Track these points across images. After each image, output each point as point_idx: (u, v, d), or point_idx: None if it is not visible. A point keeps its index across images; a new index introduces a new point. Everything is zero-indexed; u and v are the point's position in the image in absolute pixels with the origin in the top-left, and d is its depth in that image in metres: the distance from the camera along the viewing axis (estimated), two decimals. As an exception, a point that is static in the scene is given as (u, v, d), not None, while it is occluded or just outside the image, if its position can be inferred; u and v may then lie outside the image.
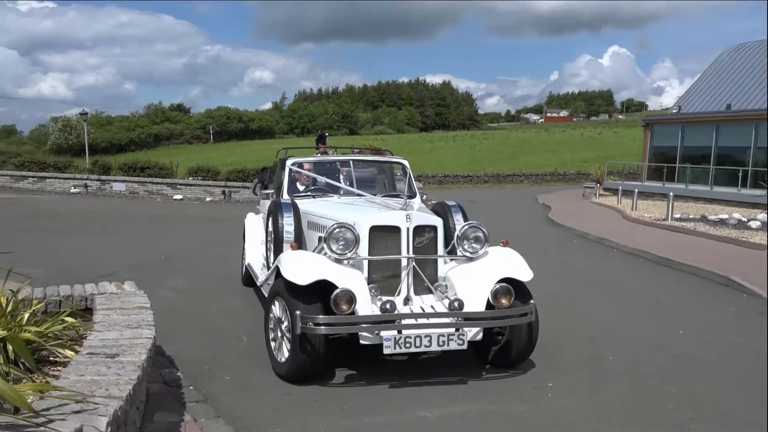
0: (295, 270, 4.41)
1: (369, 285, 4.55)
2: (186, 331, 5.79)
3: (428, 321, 4.40)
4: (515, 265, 4.81)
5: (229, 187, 22.18)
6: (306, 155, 7.34)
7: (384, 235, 4.74)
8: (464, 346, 4.37)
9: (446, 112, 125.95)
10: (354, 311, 4.28)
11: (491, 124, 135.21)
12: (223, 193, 22.09)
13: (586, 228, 13.95)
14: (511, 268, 4.77)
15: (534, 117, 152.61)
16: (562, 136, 71.71)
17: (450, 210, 5.89)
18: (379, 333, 4.28)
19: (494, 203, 21.60)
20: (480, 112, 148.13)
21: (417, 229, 4.76)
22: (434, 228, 4.92)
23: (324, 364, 4.49)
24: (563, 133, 78.31)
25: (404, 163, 6.92)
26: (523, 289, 4.74)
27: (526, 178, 37.30)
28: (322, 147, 9.04)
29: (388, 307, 4.34)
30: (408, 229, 4.71)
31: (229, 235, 11.32)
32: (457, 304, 4.48)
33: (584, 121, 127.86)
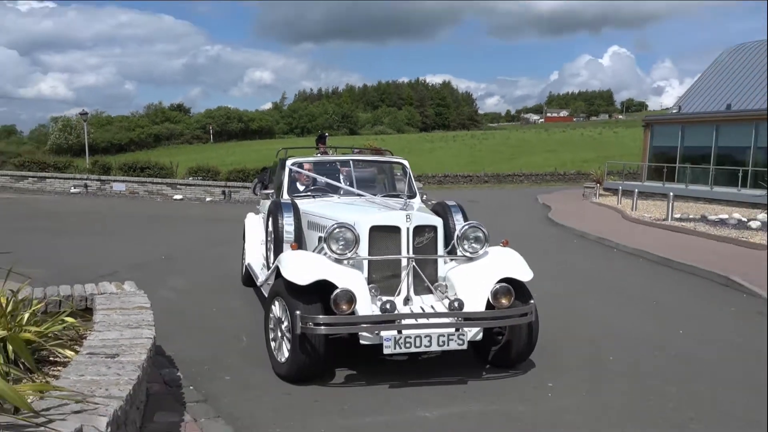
0: (295, 270, 4.41)
1: (369, 285, 4.53)
2: (186, 331, 5.79)
3: (428, 321, 4.39)
4: (515, 265, 4.81)
5: (229, 187, 22.18)
6: (306, 155, 7.32)
7: (384, 235, 4.73)
8: (464, 346, 4.36)
9: (446, 112, 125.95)
10: (354, 311, 4.27)
11: (491, 124, 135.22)
12: (223, 193, 22.09)
13: (586, 228, 13.95)
14: (511, 268, 4.76)
15: (534, 117, 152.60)
16: (562, 136, 71.71)
17: (450, 210, 5.88)
18: (379, 333, 4.27)
19: (494, 203, 21.60)
20: (480, 112, 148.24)
21: (417, 229, 4.75)
22: (434, 228, 4.91)
23: (324, 364, 4.48)
24: (563, 133, 78.31)
25: (404, 163, 6.91)
26: (523, 289, 4.73)
27: (526, 178, 37.30)
28: (322, 147, 9.03)
29: (388, 307, 4.33)
30: (408, 229, 4.70)
31: (229, 235, 11.32)
32: (457, 304, 4.46)
33: (584, 121, 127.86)
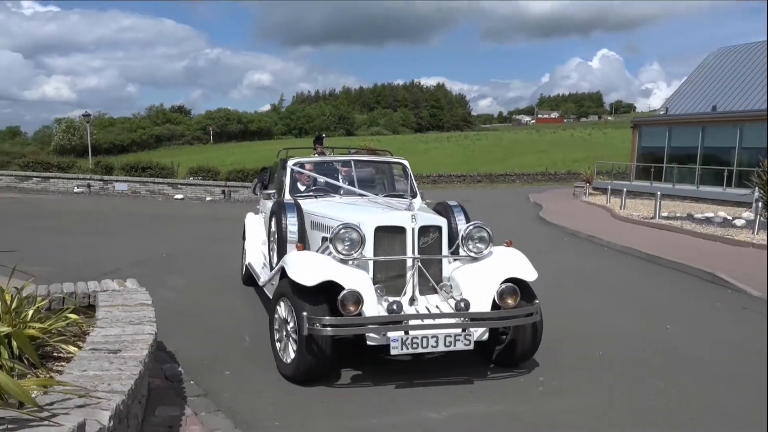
0: (302, 271, 4.31)
1: (374, 285, 4.43)
2: (187, 327, 5.77)
3: (434, 321, 4.30)
4: (520, 265, 4.73)
5: (228, 186, 22.14)
6: (304, 156, 7.25)
7: (389, 236, 4.62)
8: (471, 347, 4.27)
9: (440, 113, 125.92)
10: (361, 312, 4.18)
11: (484, 125, 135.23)
12: (223, 192, 22.05)
13: (577, 226, 13.98)
14: (516, 268, 4.69)
15: (526, 118, 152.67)
16: (553, 137, 71.77)
17: (452, 210, 5.72)
18: (385, 334, 4.17)
19: (487, 202, 21.60)
20: (473, 114, 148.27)
21: (422, 229, 4.66)
22: (439, 228, 4.81)
23: (330, 365, 4.38)
24: (554, 134, 78.40)
25: (404, 164, 6.78)
26: (527, 288, 4.65)
27: (518, 178, 37.33)
28: (319, 148, 9.05)
29: (395, 308, 4.23)
30: (413, 230, 4.60)
31: (229, 233, 11.30)
32: (463, 305, 4.37)
33: (574, 123, 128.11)
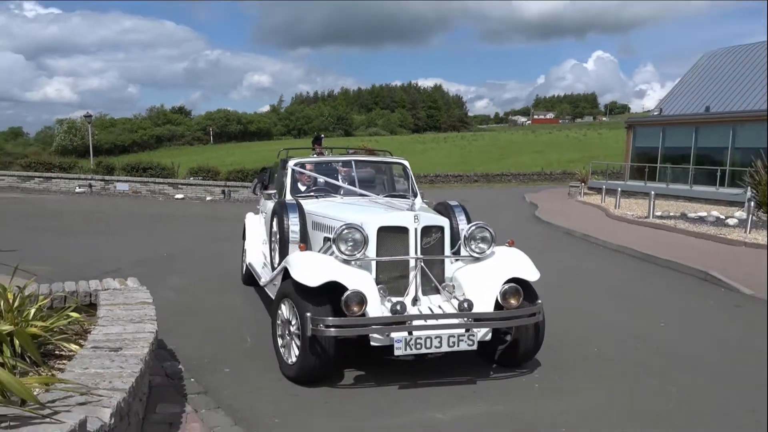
0: (305, 271, 4.25)
1: (377, 286, 4.37)
2: (187, 326, 5.76)
3: (438, 322, 4.24)
4: (522, 265, 4.70)
5: (228, 186, 22.12)
6: (303, 156, 7.20)
7: (392, 236, 4.57)
8: (474, 347, 4.23)
9: (437, 114, 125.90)
10: (365, 313, 4.12)
11: (481, 126, 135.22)
12: (223, 192, 22.03)
13: (572, 225, 13.99)
14: (519, 268, 4.66)
15: (521, 119, 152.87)
16: (549, 138, 71.81)
17: (453, 210, 5.67)
18: (389, 334, 4.11)
19: (484, 202, 21.59)
20: (470, 115, 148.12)
21: (425, 229, 4.60)
22: (441, 228, 4.76)
23: (334, 366, 4.33)
24: (549, 134, 78.44)
25: (405, 164, 6.72)
26: (529, 288, 4.61)
27: (514, 178, 37.34)
28: (318, 148, 9.03)
29: (399, 309, 4.19)
30: (416, 230, 4.55)
31: (229, 233, 11.29)
32: (467, 305, 4.32)
33: (570, 123, 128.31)
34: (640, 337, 5.68)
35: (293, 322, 4.34)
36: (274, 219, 5.74)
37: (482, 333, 4.35)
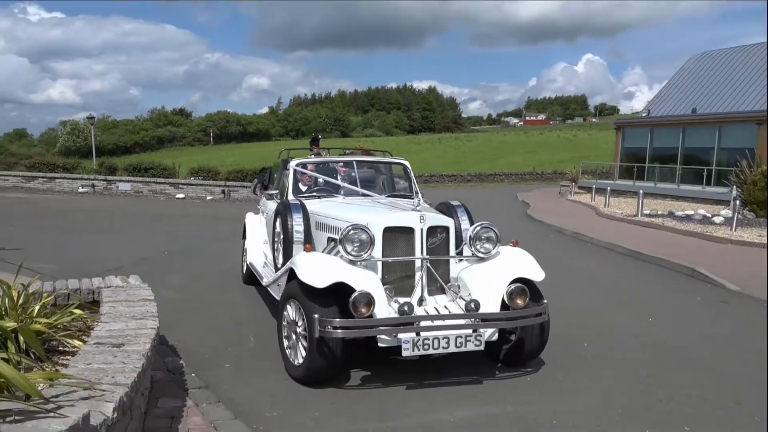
0: (312, 272, 4.12)
1: (384, 286, 4.28)
2: (188, 322, 5.73)
3: (445, 323, 4.15)
4: (527, 265, 4.62)
5: (228, 186, 22.08)
6: (301, 156, 7.16)
7: (397, 236, 4.47)
8: (481, 347, 4.15)
9: (432, 115, 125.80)
10: (372, 314, 4.01)
11: (474, 127, 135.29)
12: (223, 192, 21.99)
13: (563, 224, 14.02)
14: (524, 268, 4.58)
15: (514, 120, 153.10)
16: (540, 138, 71.82)
17: (455, 210, 5.57)
18: (397, 335, 4.00)
19: (477, 201, 21.55)
20: (463, 116, 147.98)
21: (430, 229, 4.52)
22: (446, 228, 4.66)
23: (341, 367, 4.22)
24: (541, 135, 78.46)
25: (405, 164, 6.63)
26: (534, 288, 4.52)
27: (507, 178, 37.40)
28: (315, 149, 9.02)
29: (407, 309, 4.09)
30: (422, 230, 4.46)
31: (229, 232, 11.27)
32: (473, 305, 4.24)
33: (560, 124, 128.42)
34: (633, 333, 5.66)
35: (299, 323, 4.23)
36: (278, 219, 5.62)
37: (489, 333, 4.25)
